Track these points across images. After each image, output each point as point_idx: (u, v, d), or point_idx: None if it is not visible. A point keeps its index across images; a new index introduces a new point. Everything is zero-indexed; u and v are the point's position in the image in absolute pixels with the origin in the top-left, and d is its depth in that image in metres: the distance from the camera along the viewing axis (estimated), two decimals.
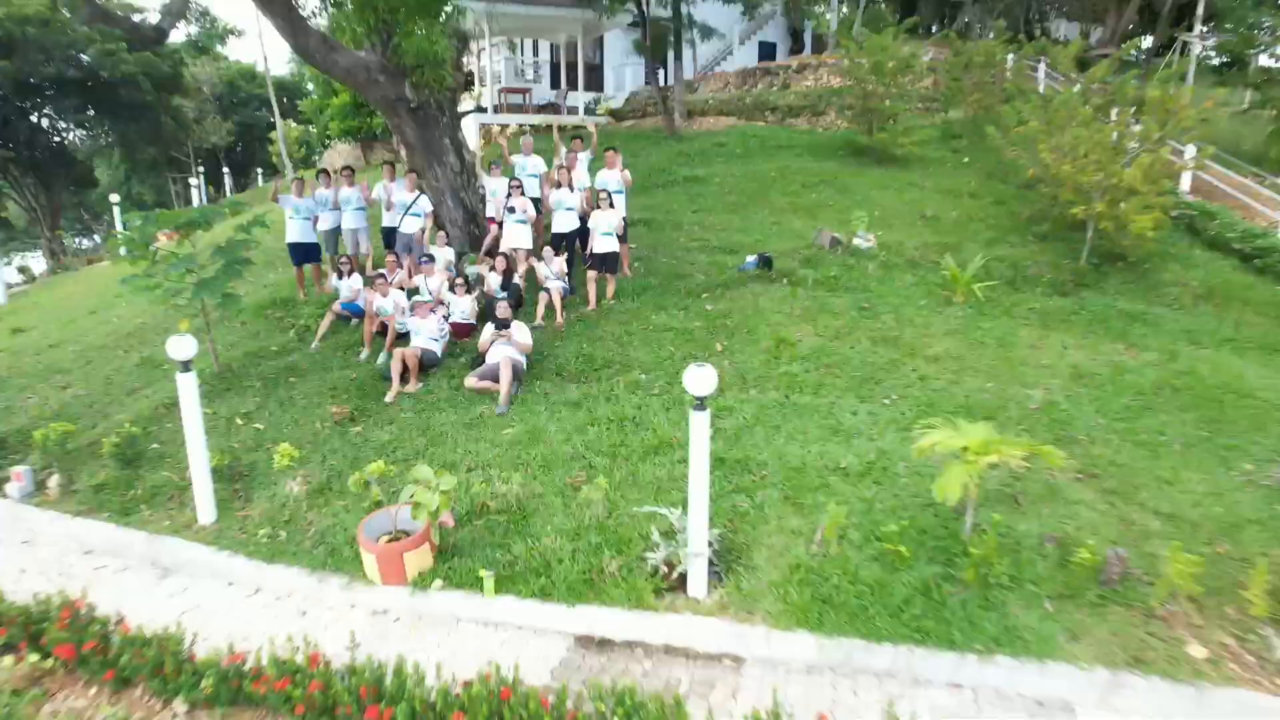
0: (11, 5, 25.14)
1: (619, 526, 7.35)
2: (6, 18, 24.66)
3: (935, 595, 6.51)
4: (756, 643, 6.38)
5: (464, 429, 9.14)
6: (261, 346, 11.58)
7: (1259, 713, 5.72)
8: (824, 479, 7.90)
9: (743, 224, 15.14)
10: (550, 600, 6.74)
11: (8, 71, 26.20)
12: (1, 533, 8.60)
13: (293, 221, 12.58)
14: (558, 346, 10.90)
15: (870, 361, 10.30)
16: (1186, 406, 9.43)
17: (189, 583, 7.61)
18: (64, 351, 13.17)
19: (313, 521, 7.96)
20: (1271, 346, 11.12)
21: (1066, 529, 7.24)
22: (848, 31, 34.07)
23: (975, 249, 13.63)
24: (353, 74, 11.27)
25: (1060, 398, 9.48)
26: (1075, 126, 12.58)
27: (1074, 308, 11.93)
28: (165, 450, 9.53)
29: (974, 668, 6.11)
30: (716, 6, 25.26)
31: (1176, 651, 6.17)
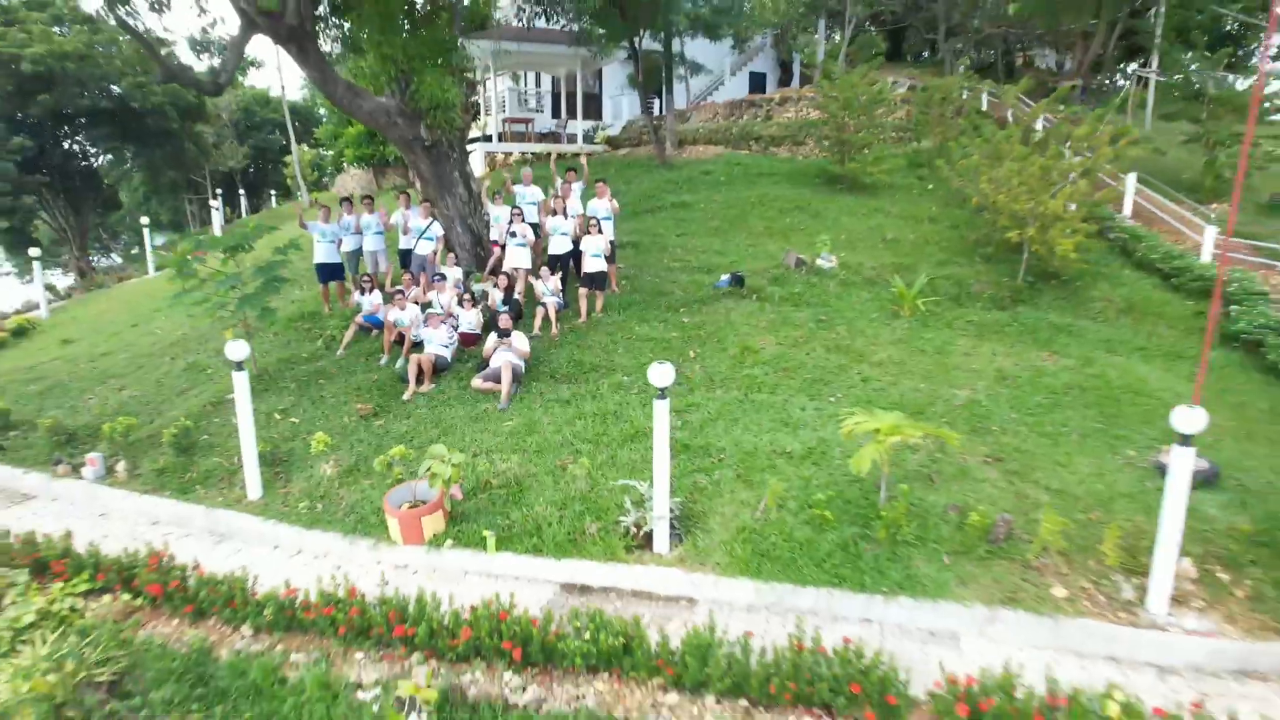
0: (52, 42, 26.87)
1: (598, 498, 8.83)
2: (48, 54, 26.35)
3: (853, 550, 7.97)
4: (707, 587, 7.85)
5: (470, 422, 10.64)
6: (293, 353, 13.09)
7: (1100, 637, 7.19)
8: (771, 461, 9.37)
9: (722, 246, 16.67)
10: (541, 556, 8.22)
11: (46, 104, 27.89)
12: (81, 508, 10.09)
13: (319, 244, 14.12)
14: (552, 353, 12.39)
15: (822, 366, 11.79)
16: (1090, 404, 10.90)
17: (242, 546, 9.09)
18: (116, 359, 14.69)
19: (343, 496, 9.44)
20: (1176, 354, 12.58)
21: (969, 500, 8.70)
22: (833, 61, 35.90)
23: (927, 269, 15.15)
24: (375, 116, 12.84)
25: (983, 396, 10.95)
26: (1010, 161, 14.10)
27: (1008, 320, 13.42)
28: (214, 440, 11.03)
29: (880, 607, 7.57)
30: (707, 43, 26.93)
31: (1043, 593, 7.62)
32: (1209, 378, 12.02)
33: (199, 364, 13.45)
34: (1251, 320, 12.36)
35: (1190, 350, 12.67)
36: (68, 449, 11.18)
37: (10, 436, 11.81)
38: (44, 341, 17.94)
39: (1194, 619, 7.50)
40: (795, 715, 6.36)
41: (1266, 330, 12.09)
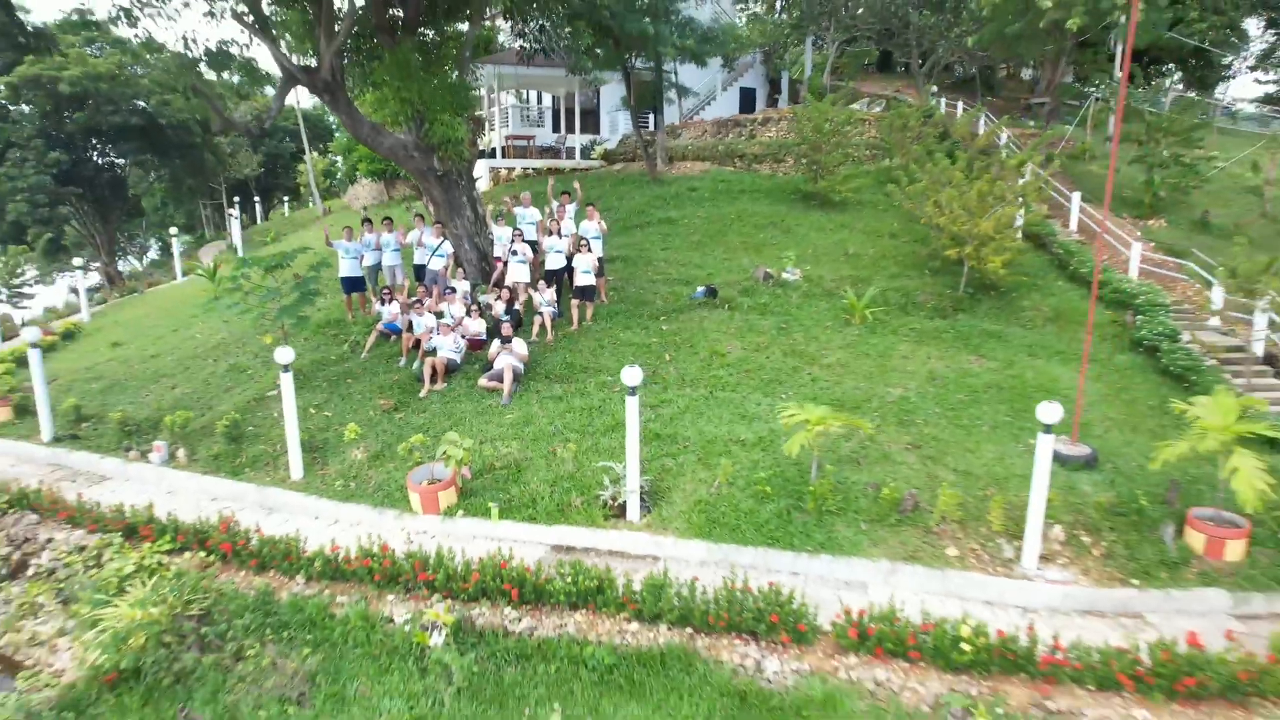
0: (87, 64, 28.67)
1: (583, 476, 10.65)
2: (83, 75, 28.16)
3: (786, 518, 9.79)
4: (668, 547, 9.66)
5: (477, 415, 12.45)
6: (323, 356, 14.91)
7: (979, 586, 8.99)
8: (727, 448, 11.18)
9: (701, 260, 18.44)
10: (535, 523, 10.04)
11: (80, 121, 29.72)
12: (151, 487, 11.92)
13: (344, 260, 15.92)
14: (547, 356, 14.19)
15: (778, 368, 13.59)
16: (1005, 400, 12.68)
17: (289, 517, 10.91)
18: (164, 360, 16.53)
19: (372, 476, 11.27)
20: (1090, 357, 14.32)
21: (887, 479, 10.50)
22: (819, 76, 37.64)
23: (881, 281, 16.94)
24: (394, 151, 14.63)
25: (913, 394, 12.75)
26: (950, 188, 15.85)
27: (946, 327, 15.20)
28: (258, 431, 12.86)
29: (806, 562, 9.38)
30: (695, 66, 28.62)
31: (939, 552, 9.43)
32: (1114, 377, 13.82)
33: (239, 365, 15.27)
34: (1152, 329, 14.12)
35: (1102, 354, 14.44)
36: (135, 438, 13.01)
37: (83, 428, 13.66)
38: (93, 344, 19.74)
39: (1057, 572, 9.32)
40: (728, 639, 8.19)
41: (1163, 338, 13.83)
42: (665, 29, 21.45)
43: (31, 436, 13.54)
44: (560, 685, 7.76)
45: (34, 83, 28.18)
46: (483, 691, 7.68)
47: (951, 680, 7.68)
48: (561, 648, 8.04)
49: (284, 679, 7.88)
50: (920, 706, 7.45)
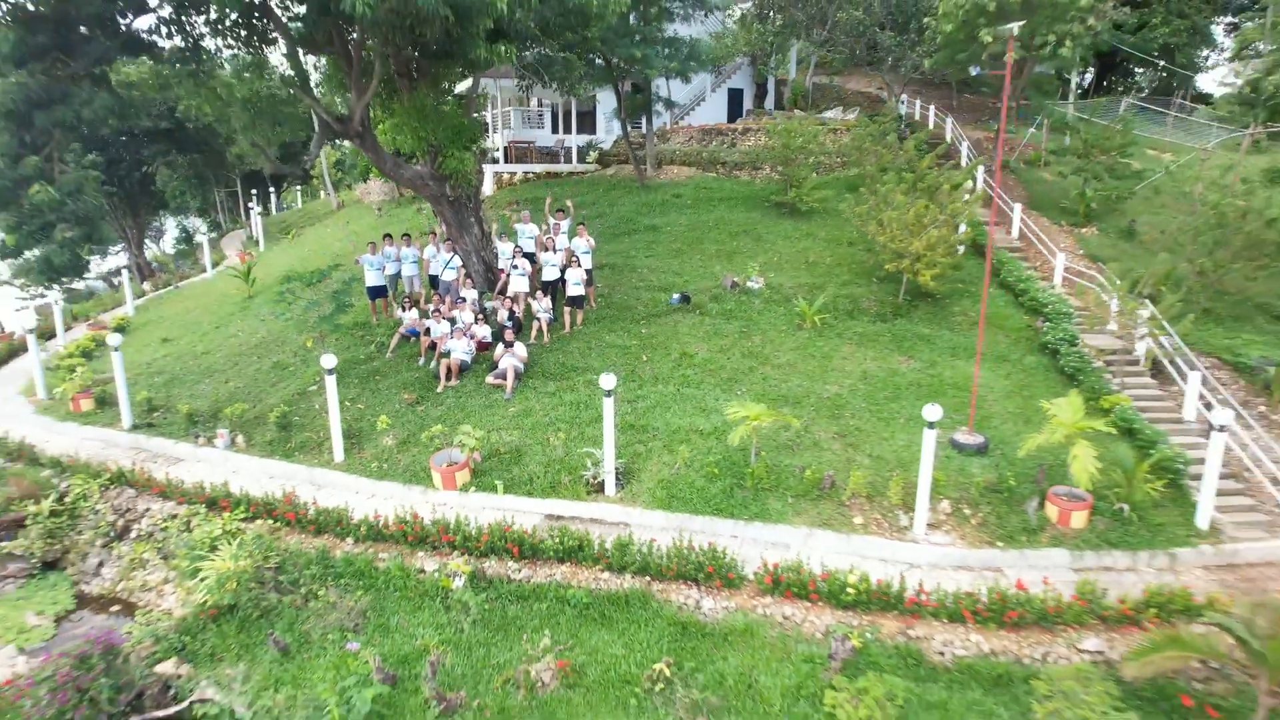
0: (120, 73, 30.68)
1: (570, 460, 13.14)
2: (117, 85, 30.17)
3: (729, 493, 12.28)
4: (636, 516, 12.17)
5: (485, 408, 14.92)
6: (354, 355, 17.34)
7: (876, 547, 11.49)
8: (688, 436, 13.65)
9: (679, 267, 20.77)
10: (532, 497, 12.54)
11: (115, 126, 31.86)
12: (219, 467, 14.43)
13: (369, 271, 18.31)
14: (544, 357, 16.61)
15: (737, 367, 16.03)
16: (922, 396, 15.09)
17: (335, 492, 13.41)
18: (215, 357, 18.99)
19: (400, 459, 13.77)
20: (1004, 358, 16.69)
21: (813, 463, 12.96)
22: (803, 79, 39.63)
23: (834, 287, 19.31)
24: (413, 181, 16.95)
25: (845, 391, 15.20)
26: (890, 210, 18.15)
27: (885, 331, 17.58)
28: (303, 420, 15.35)
29: (743, 528, 11.88)
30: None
31: (847, 521, 11.94)
32: (1020, 375, 16.19)
33: (282, 363, 17.73)
34: (1056, 334, 16.49)
35: (1013, 354, 16.83)
36: (200, 426, 15.53)
37: (155, 416, 16.18)
38: (144, 338, 22.17)
39: (940, 536, 11.84)
40: (676, 585, 10.72)
41: (1063, 342, 16.20)
42: (653, 53, 23.62)
43: (114, 424, 16.06)
44: (549, 618, 10.32)
45: None
46: (491, 622, 10.25)
47: (840, 615, 10.22)
48: (550, 591, 10.60)
49: (342, 614, 10.45)
50: (815, 634, 10.01)
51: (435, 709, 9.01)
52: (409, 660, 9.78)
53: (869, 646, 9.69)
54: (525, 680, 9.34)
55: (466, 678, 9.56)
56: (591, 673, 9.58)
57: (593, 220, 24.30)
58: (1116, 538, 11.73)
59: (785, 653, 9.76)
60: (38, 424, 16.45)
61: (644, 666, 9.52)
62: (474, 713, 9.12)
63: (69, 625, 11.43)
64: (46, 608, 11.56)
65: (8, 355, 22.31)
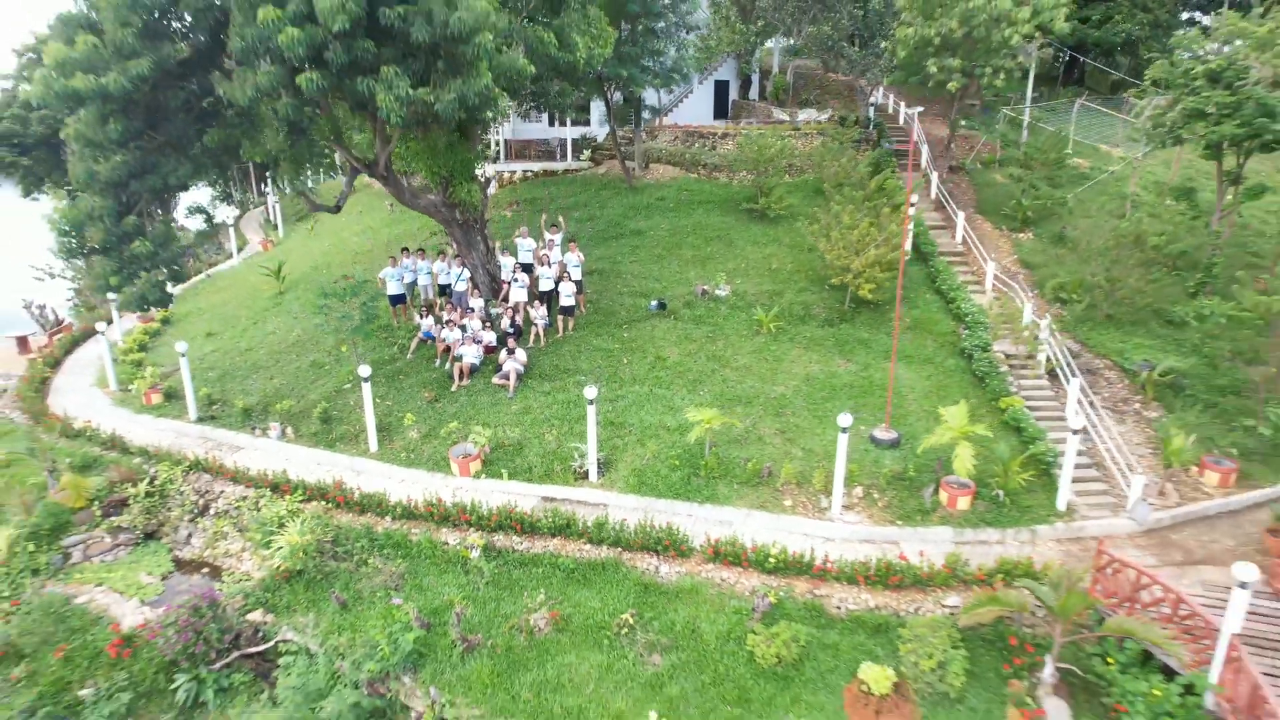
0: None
1: (562, 452, 16.18)
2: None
3: (687, 481, 15.35)
4: (613, 499, 15.26)
5: (492, 406, 17.89)
6: (380, 356, 20.21)
7: (800, 525, 14.60)
8: (657, 432, 16.67)
9: (659, 273, 23.52)
10: (531, 483, 15.62)
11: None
12: (274, 455, 17.45)
13: (390, 282, 21.09)
14: (540, 360, 19.52)
15: (702, 369, 18.98)
16: (854, 396, 18.08)
17: (371, 478, 16.45)
18: (258, 354, 21.91)
19: (424, 450, 16.79)
20: (929, 360, 19.58)
21: (755, 455, 16.00)
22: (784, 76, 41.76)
23: (790, 294, 22.14)
24: (428, 208, 19.66)
25: (790, 391, 18.17)
26: (835, 231, 20.90)
27: (830, 336, 20.47)
28: (341, 415, 18.34)
29: (696, 509, 14.97)
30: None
31: (779, 504, 15.03)
32: (940, 377, 19.10)
33: (318, 362, 20.65)
34: (972, 340, 19.39)
35: (937, 357, 19.75)
36: (254, 418, 18.54)
37: (215, 409, 19.18)
38: (189, 331, 24.99)
39: (852, 516, 14.93)
40: (641, 554, 13.84)
41: (977, 348, 19.11)
42: (638, 71, 26.09)
43: (182, 416, 19.07)
44: (544, 580, 13.46)
45: None
46: (500, 583, 13.40)
47: (764, 578, 13.34)
48: (545, 559, 13.74)
49: (386, 577, 13.58)
50: (744, 592, 13.15)
51: (459, 648, 12.19)
52: (438, 611, 12.94)
53: (783, 602, 12.85)
54: (526, 626, 12.52)
55: (482, 624, 12.73)
56: (575, 621, 12.75)
57: (584, 223, 27.03)
58: (992, 517, 14.83)
59: (720, 606, 12.92)
60: (118, 416, 19.44)
61: (614, 616, 12.68)
62: (488, 650, 12.30)
63: (172, 583, 14.56)
64: (153, 569, 14.68)
65: (71, 346, 25.25)
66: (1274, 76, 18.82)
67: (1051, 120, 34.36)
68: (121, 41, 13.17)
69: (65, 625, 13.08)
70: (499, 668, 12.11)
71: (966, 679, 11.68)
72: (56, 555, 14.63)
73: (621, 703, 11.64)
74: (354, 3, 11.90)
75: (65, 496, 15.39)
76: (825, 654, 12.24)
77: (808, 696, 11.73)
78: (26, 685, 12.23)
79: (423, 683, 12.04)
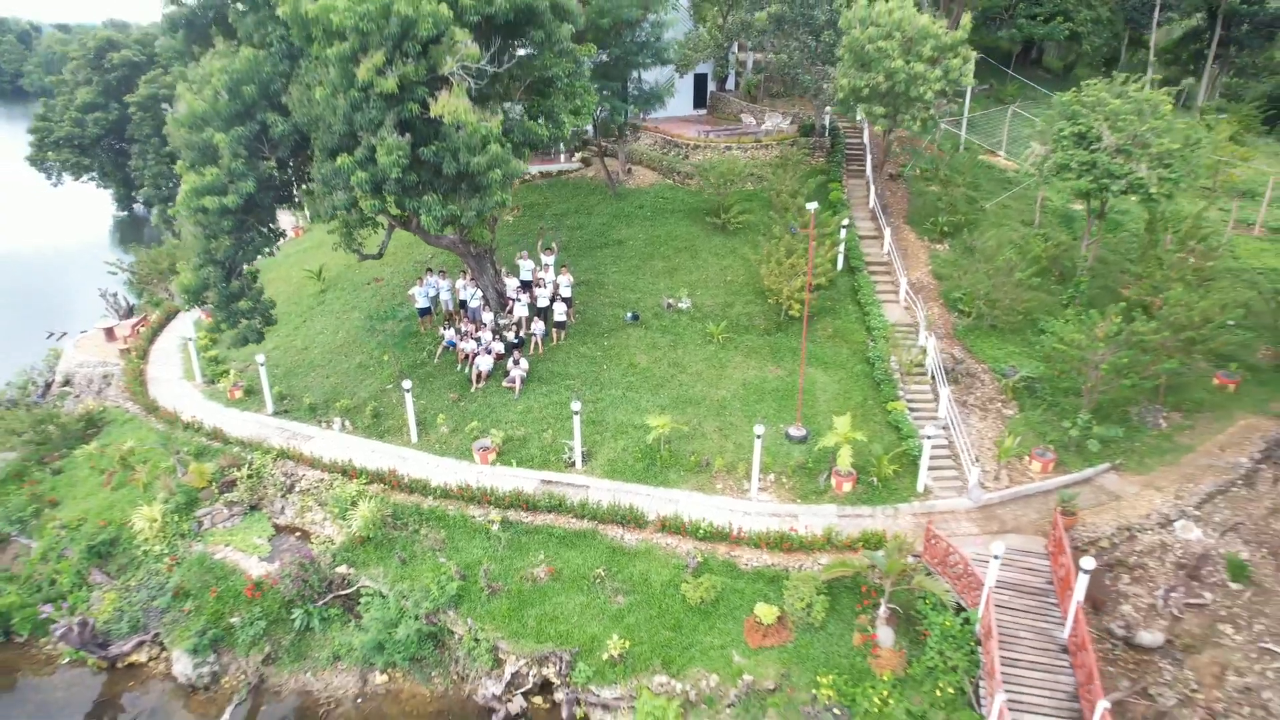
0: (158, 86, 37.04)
1: (556, 446, 21.50)
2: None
3: (647, 469, 20.72)
4: (593, 483, 20.62)
5: (502, 406, 23.07)
6: (412, 360, 25.21)
7: (725, 503, 20.08)
8: (627, 430, 21.93)
9: (634, 284, 28.27)
10: (533, 469, 21.02)
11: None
12: (337, 445, 22.68)
13: (418, 298, 25.98)
14: (538, 366, 24.60)
15: (665, 374, 24.12)
16: (779, 398, 23.29)
17: (414, 465, 21.69)
18: (313, 354, 26.92)
19: (453, 442, 22.07)
20: (841, 366, 24.73)
21: (698, 449, 21.35)
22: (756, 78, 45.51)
23: (740, 305, 27.09)
24: (449, 245, 24.42)
25: (729, 395, 23.37)
26: (771, 262, 25.73)
27: (767, 344, 25.52)
28: (387, 411, 23.50)
29: (653, 490, 20.36)
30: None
31: (713, 488, 20.46)
32: (849, 381, 24.27)
33: (364, 364, 25.71)
34: (875, 350, 24.49)
35: (850, 363, 24.85)
36: (318, 412, 23.76)
37: (285, 403, 24.38)
38: None
39: (765, 497, 20.38)
40: (611, 526, 19.28)
41: (878, 356, 24.24)
42: (619, 102, 30.45)
43: (260, 410, 24.28)
44: (543, 544, 18.96)
45: (153, 99, 36.90)
46: (514, 546, 18.90)
47: (696, 544, 18.81)
48: (544, 529, 19.21)
49: (433, 542, 19.06)
50: (681, 554, 18.65)
51: (486, 592, 17.77)
52: (471, 567, 18.45)
53: (708, 561, 18.38)
54: (531, 577, 18.07)
55: (501, 576, 18.27)
56: (565, 573, 18.28)
57: (574, 231, 31.68)
58: (867, 498, 20.26)
59: (665, 563, 18.45)
60: (210, 409, 24.62)
61: (592, 570, 18.19)
62: (505, 593, 17.87)
63: (276, 542, 19.95)
64: (261, 533, 20.09)
65: (152, 337, 30.22)
66: (1118, 145, 23.46)
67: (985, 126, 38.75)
68: (234, 169, 17.81)
69: (212, 573, 18.63)
70: (513, 605, 17.72)
71: (827, 614, 17.28)
72: (193, 523, 20.04)
73: (595, 628, 17.28)
74: (403, 155, 16.61)
75: (192, 479, 20.69)
76: (734, 596, 17.83)
77: (720, 625, 17.36)
78: (195, 615, 17.84)
79: (462, 615, 17.67)
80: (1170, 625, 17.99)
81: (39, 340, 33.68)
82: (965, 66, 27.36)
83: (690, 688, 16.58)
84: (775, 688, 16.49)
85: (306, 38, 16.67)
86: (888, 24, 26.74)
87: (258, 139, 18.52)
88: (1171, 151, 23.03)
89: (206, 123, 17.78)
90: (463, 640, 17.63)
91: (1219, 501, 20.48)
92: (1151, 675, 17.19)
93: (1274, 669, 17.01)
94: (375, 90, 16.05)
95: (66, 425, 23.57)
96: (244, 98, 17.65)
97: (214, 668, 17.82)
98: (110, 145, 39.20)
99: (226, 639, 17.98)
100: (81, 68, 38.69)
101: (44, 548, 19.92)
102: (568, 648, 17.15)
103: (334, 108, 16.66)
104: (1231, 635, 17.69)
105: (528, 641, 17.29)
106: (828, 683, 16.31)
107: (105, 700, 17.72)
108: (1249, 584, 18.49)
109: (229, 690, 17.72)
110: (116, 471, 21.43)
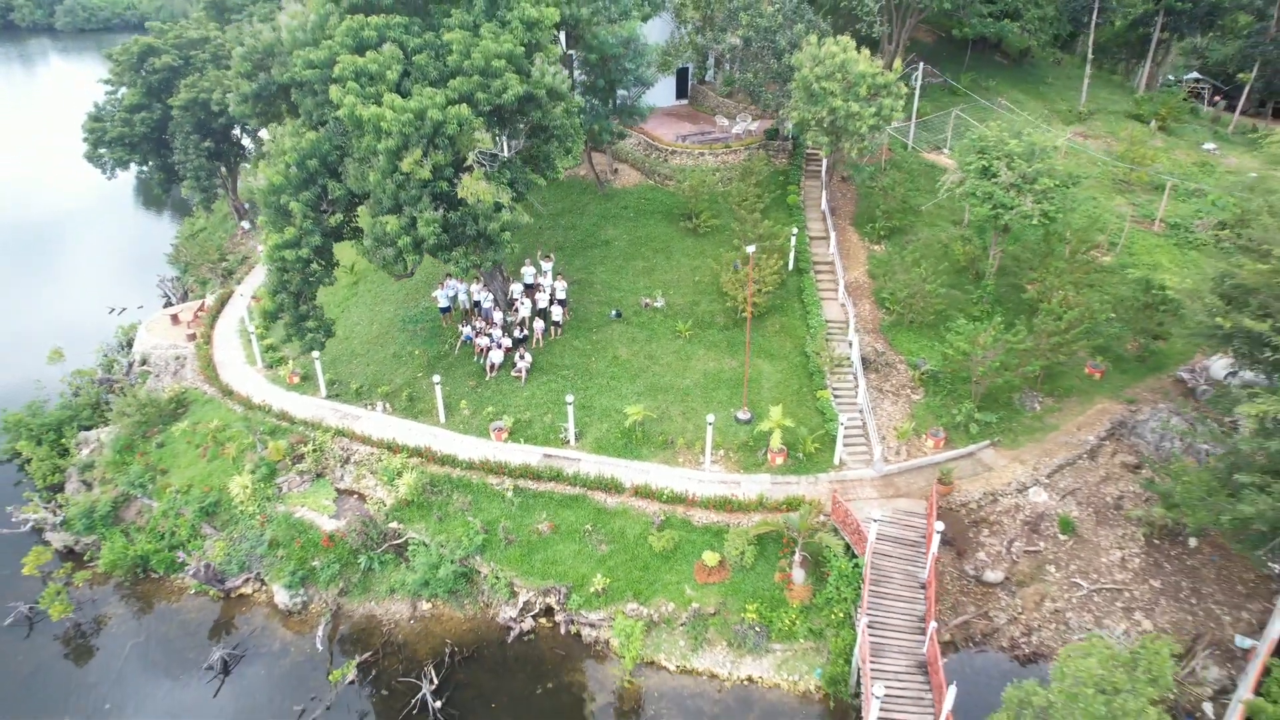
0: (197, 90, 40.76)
1: (554, 426, 26.99)
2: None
3: (626, 445, 26.23)
4: (584, 457, 26.10)
5: (511, 393, 28.30)
6: (437, 352, 30.34)
7: (682, 474, 25.73)
8: (610, 413, 27.29)
9: (619, 282, 33.12)
10: (537, 446, 26.53)
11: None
12: (380, 424, 28.01)
13: (440, 298, 30.95)
14: (539, 358, 29.72)
15: (640, 366, 29.40)
16: (731, 386, 28.60)
17: (443, 442, 27.04)
18: (353, 343, 31.98)
19: (473, 423, 27.44)
20: (784, 358, 29.98)
21: (666, 430, 26.83)
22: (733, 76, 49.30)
23: (705, 303, 32.17)
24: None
25: (691, 383, 28.68)
26: (727, 273, 30.69)
27: (725, 339, 30.64)
28: (419, 396, 28.77)
29: (629, 463, 25.89)
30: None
31: (676, 461, 26.01)
32: (789, 371, 29.62)
33: (398, 354, 30.80)
34: (811, 345, 29.72)
35: (791, 356, 30.09)
36: (363, 395, 29.09)
37: (336, 388, 29.66)
38: None
39: (716, 468, 26.00)
40: (596, 492, 24.88)
41: (813, 350, 29.51)
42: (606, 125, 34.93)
43: (315, 394, 29.53)
44: (548, 505, 24.56)
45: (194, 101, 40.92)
46: (524, 507, 24.51)
47: (661, 506, 24.36)
48: (545, 495, 24.76)
49: (461, 504, 24.68)
50: (650, 514, 24.38)
51: (504, 542, 23.50)
52: (491, 523, 24.09)
53: (670, 519, 24.06)
54: (537, 531, 23.79)
55: (514, 530, 23.96)
56: (562, 528, 23.95)
57: (567, 231, 36.44)
58: (795, 469, 25.88)
59: (637, 521, 24.13)
60: (274, 392, 29.78)
61: (582, 525, 23.85)
62: (518, 543, 23.60)
63: (340, 503, 25.51)
64: (327, 497, 25.60)
65: (213, 322, 35.22)
66: (1010, 181, 28.34)
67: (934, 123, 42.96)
68: (305, 226, 22.66)
69: (295, 528, 24.30)
70: (524, 552, 23.46)
71: (756, 559, 23.05)
72: (275, 489, 25.58)
73: (585, 569, 23.06)
74: (438, 225, 21.55)
75: (270, 454, 26.14)
76: (688, 546, 23.56)
77: (677, 567, 23.13)
78: (286, 559, 23.59)
79: (486, 559, 23.42)
80: (1010, 567, 23.92)
81: (89, 308, 39.50)
82: (896, 103, 31.86)
83: (654, 612, 22.47)
84: (715, 612, 22.39)
85: (359, 132, 21.41)
86: (831, 65, 31.14)
87: (319, 199, 23.34)
88: (1052, 189, 27.97)
89: (281, 191, 22.59)
90: (487, 578, 23.40)
91: (1066, 471, 26.18)
92: (991, 603, 23.18)
93: (1078, 596, 23.04)
94: (414, 177, 20.94)
95: (162, 406, 28.86)
96: (309, 169, 22.42)
97: (303, 598, 23.62)
98: (155, 139, 43.37)
99: (311, 577, 23.72)
100: (125, 71, 42.50)
101: (164, 507, 25.48)
102: (565, 583, 22.97)
103: (383, 187, 21.51)
104: (1053, 573, 23.65)
105: (535, 579, 23.10)
106: (753, 609, 22.19)
107: (224, 621, 23.56)
108: (1073, 535, 24.37)
109: (315, 614, 23.55)
110: (209, 446, 26.85)
